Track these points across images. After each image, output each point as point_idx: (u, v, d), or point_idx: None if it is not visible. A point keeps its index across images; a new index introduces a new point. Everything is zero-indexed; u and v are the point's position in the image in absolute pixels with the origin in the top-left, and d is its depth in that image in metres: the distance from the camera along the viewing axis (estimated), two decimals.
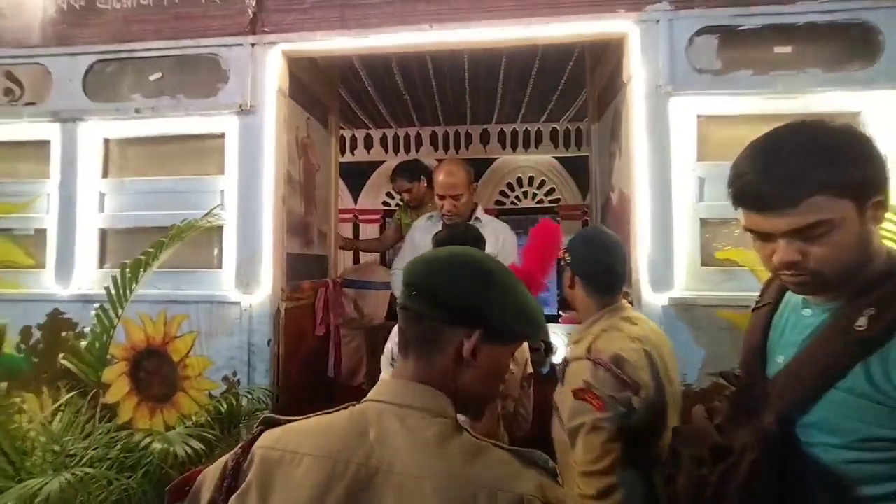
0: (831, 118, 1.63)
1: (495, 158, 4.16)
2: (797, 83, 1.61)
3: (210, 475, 0.66)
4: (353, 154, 4.17)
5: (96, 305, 1.56)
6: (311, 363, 2.24)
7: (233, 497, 0.61)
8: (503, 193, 4.19)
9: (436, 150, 4.19)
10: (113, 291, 1.48)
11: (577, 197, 4.05)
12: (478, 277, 0.69)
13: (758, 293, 0.95)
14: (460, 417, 0.68)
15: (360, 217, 4.29)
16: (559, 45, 1.97)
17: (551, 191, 4.15)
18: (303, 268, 2.13)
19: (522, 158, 4.14)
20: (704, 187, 1.66)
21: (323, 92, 2.47)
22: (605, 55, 2.19)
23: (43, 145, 1.96)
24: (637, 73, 1.67)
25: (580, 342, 1.15)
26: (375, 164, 4.29)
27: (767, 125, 1.65)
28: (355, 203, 4.28)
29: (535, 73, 2.82)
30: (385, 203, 4.36)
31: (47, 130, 1.94)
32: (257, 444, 0.64)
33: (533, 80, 2.94)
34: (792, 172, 0.70)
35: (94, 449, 1.55)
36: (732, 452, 0.75)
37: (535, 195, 4.17)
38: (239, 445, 0.66)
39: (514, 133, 4.08)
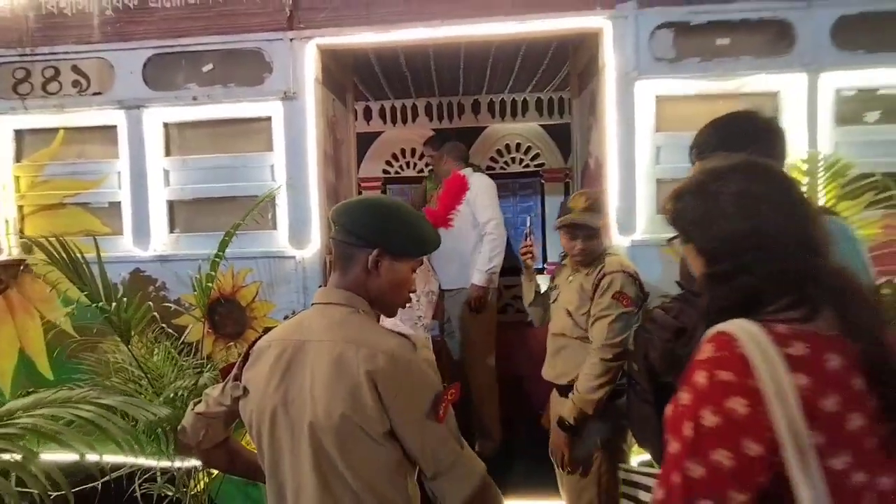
0: (759, 96, 2.11)
1: (485, 127, 4.54)
2: (733, 68, 2.05)
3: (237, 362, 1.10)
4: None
5: (170, 263, 1.99)
6: None
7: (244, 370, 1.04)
8: (493, 159, 4.60)
9: (430, 120, 4.54)
10: (212, 252, 1.91)
11: (560, 161, 4.49)
12: (377, 213, 1.01)
13: None
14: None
15: (363, 184, 4.65)
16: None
17: (536, 156, 4.58)
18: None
19: (510, 126, 4.53)
20: (660, 153, 2.13)
21: (341, 74, 2.80)
22: (585, 41, 2.58)
23: (110, 130, 2.29)
24: (609, 61, 2.09)
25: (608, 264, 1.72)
26: (375, 135, 4.63)
27: (710, 102, 2.14)
28: (357, 171, 4.63)
29: (524, 52, 3.19)
30: (384, 171, 4.73)
31: (114, 117, 2.26)
32: (259, 340, 1.05)
33: (521, 58, 3.31)
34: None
35: (183, 379, 2.01)
36: (687, 329, 0.92)
37: (521, 160, 4.59)
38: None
39: (503, 102, 4.45)
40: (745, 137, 1.21)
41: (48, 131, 2.34)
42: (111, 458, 1.72)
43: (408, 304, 1.63)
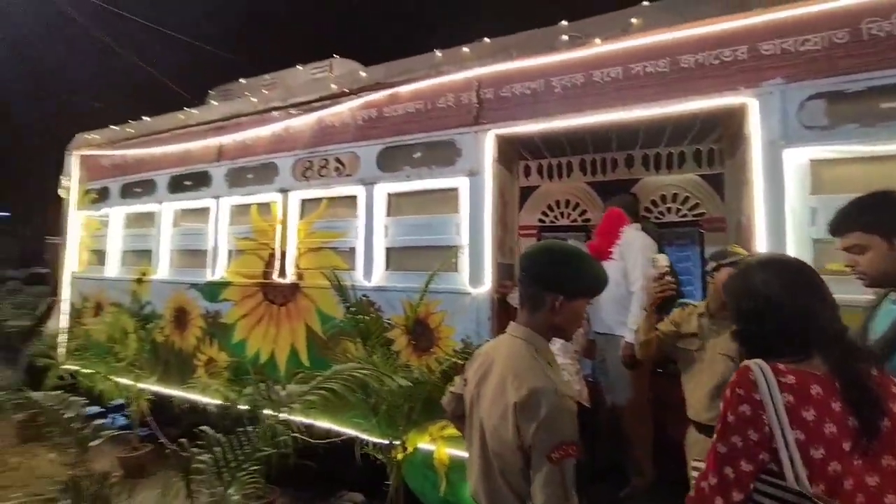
0: None
1: (639, 179, 4.75)
2: None
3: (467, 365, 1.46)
4: None
5: (385, 292, 2.84)
6: None
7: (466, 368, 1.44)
8: (647, 209, 4.74)
9: (584, 174, 4.95)
10: (413, 286, 2.70)
11: (721, 209, 4.40)
12: (560, 262, 1.22)
13: (857, 296, 1.49)
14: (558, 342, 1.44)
15: (521, 232, 5.26)
16: None
17: (696, 206, 4.56)
18: (504, 271, 3.17)
19: (665, 178, 4.64)
20: (816, 215, 2.19)
21: (510, 150, 3.51)
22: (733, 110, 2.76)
23: (353, 199, 3.37)
24: (755, 132, 2.29)
25: None
26: (532, 188, 5.23)
27: (871, 165, 2.20)
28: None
29: (672, 123, 3.43)
30: (540, 220, 5.27)
31: (356, 190, 3.34)
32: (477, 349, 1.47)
33: (671, 127, 3.54)
34: (845, 216, 1.38)
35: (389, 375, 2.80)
36: None
37: (678, 210, 4.63)
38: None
39: (658, 156, 4.62)
40: (879, 217, 1.30)
41: (318, 200, 3.55)
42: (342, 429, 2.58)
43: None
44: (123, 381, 4.06)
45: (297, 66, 4.19)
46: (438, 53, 3.06)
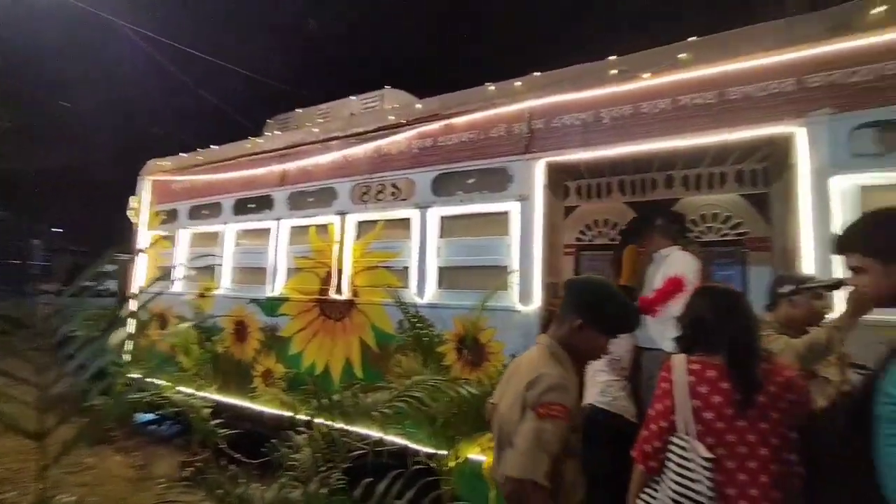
0: None
1: (678, 199, 4.82)
2: None
3: None
4: None
5: (437, 309, 3.02)
6: None
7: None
8: (688, 229, 4.79)
9: (623, 194, 5.06)
10: (464, 303, 2.87)
11: (765, 230, 4.41)
12: (585, 292, 1.43)
13: None
14: None
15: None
16: None
17: (738, 224, 4.59)
18: (551, 289, 3.31)
19: (706, 197, 4.70)
20: None
21: (557, 175, 3.68)
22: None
23: (406, 221, 3.60)
24: (803, 161, 2.39)
25: None
26: (571, 209, 5.37)
27: None
28: None
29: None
30: (578, 239, 5.38)
31: (410, 213, 3.57)
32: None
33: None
34: (846, 236, 1.30)
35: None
36: None
37: (719, 229, 4.66)
38: None
39: (698, 175, 4.69)
40: (876, 240, 1.22)
41: (374, 222, 3.80)
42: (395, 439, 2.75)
43: (613, 356, 2.23)
44: (186, 389, 4.37)
45: (351, 98, 4.52)
46: (491, 87, 3.29)
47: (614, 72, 2.86)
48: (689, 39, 2.70)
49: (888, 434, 1.02)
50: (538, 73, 3.17)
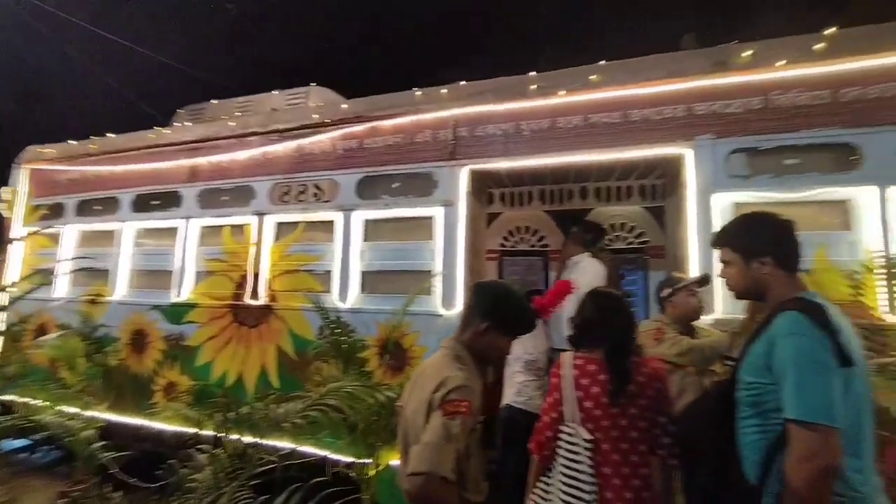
0: (825, 206, 2.57)
1: (591, 209, 5.20)
2: (800, 183, 2.51)
3: None
4: None
5: (359, 314, 2.98)
6: None
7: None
8: None
9: (542, 203, 5.35)
10: (387, 308, 2.86)
11: (661, 239, 4.91)
12: (488, 296, 1.46)
13: None
14: None
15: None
16: None
17: (641, 234, 5.06)
18: None
19: (615, 208, 5.13)
20: None
21: (480, 182, 3.78)
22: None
23: (330, 223, 3.50)
24: (690, 179, 2.70)
25: None
26: (495, 215, 5.56)
27: (777, 208, 2.63)
28: None
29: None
30: (501, 245, 5.59)
31: (334, 215, 3.47)
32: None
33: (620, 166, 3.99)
34: (720, 233, 1.49)
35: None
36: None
37: (626, 238, 5.11)
38: None
39: (609, 188, 5.10)
40: (740, 238, 1.41)
41: (294, 224, 3.64)
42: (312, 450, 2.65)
43: (529, 357, 2.35)
44: (70, 409, 3.84)
45: (274, 92, 4.30)
46: (418, 92, 3.32)
47: (534, 87, 3.02)
48: (600, 63, 2.94)
49: (744, 416, 1.18)
50: (464, 83, 3.26)
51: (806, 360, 1.10)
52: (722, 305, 2.55)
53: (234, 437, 2.41)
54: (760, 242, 1.36)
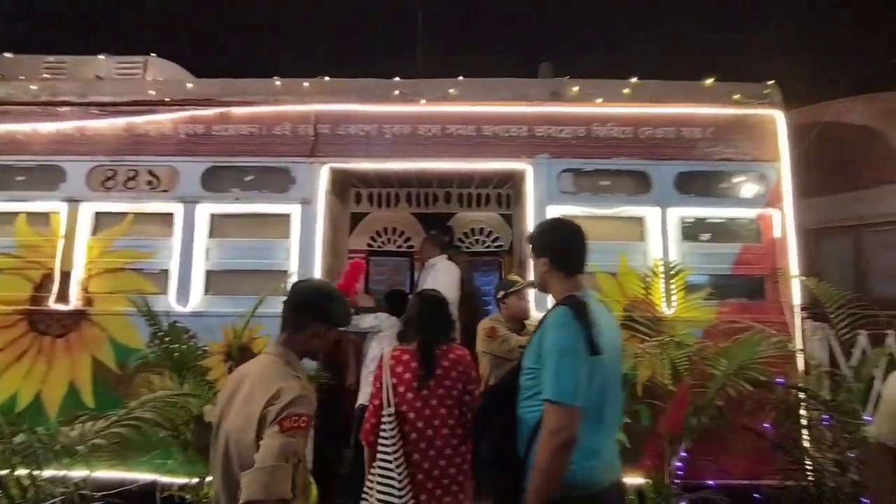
0: (628, 221, 3.11)
1: (454, 213, 5.53)
2: (610, 201, 3.04)
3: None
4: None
5: (203, 318, 2.72)
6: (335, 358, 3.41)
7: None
8: (461, 240, 5.53)
9: (409, 205, 5.50)
10: (235, 310, 2.65)
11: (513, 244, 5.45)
12: (323, 295, 1.43)
13: None
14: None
15: (350, 254, 5.47)
16: None
17: (497, 239, 5.55)
18: None
19: (475, 214, 5.53)
20: None
21: (344, 180, 3.74)
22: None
23: (168, 216, 3.09)
24: (529, 192, 3.06)
25: None
26: (363, 214, 5.54)
27: (594, 221, 3.15)
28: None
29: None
30: (368, 245, 5.60)
31: (173, 207, 3.08)
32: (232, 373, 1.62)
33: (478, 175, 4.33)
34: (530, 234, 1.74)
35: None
36: None
37: (484, 242, 5.55)
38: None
39: (470, 195, 5.47)
40: (535, 240, 1.55)
41: (121, 215, 3.12)
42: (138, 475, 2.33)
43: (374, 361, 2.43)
44: None
45: (100, 56, 3.63)
46: (278, 81, 3.13)
47: (396, 92, 3.10)
48: (458, 78, 3.15)
49: (523, 398, 1.39)
50: (328, 78, 3.18)
51: (561, 349, 1.28)
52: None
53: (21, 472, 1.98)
54: (541, 245, 1.51)
